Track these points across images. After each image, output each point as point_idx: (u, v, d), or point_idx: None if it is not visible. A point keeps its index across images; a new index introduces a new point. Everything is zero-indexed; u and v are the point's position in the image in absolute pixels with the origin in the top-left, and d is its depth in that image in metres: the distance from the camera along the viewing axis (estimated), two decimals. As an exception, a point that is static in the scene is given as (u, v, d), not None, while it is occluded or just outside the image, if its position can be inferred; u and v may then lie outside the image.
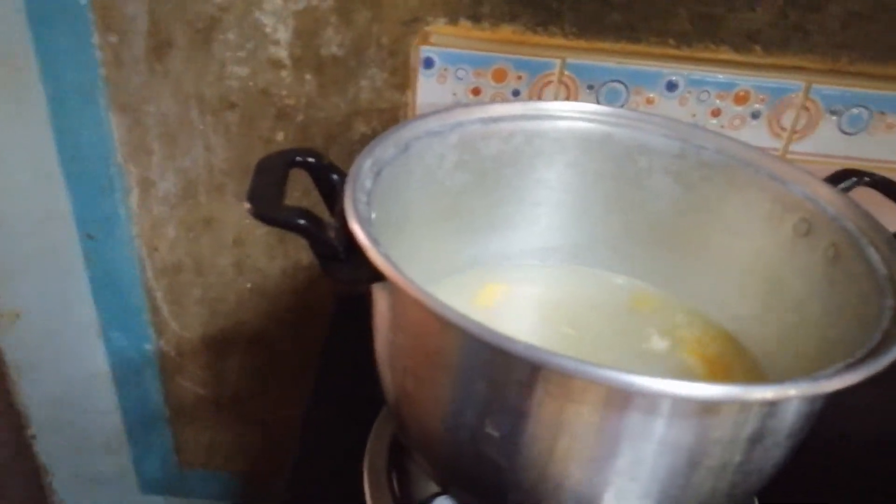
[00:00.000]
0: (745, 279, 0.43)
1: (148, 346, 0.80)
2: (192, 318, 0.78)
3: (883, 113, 0.56)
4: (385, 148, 0.38)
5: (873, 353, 0.26)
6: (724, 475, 0.29)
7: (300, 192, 0.61)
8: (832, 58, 0.56)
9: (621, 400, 0.26)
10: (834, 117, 0.56)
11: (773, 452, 0.30)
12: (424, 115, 0.42)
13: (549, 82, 0.57)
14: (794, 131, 0.57)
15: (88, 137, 0.65)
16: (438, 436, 0.32)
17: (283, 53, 0.59)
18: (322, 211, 0.37)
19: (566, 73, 0.57)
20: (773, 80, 0.56)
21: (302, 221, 0.29)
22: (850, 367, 0.26)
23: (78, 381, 0.84)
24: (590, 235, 0.48)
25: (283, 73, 0.60)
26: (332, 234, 0.31)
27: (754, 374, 0.41)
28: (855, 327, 0.32)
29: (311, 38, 0.58)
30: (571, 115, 0.45)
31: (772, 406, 0.27)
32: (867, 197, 0.39)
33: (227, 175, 0.67)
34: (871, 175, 0.40)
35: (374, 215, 0.35)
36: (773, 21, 0.55)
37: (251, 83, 0.61)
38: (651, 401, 0.25)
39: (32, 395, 0.85)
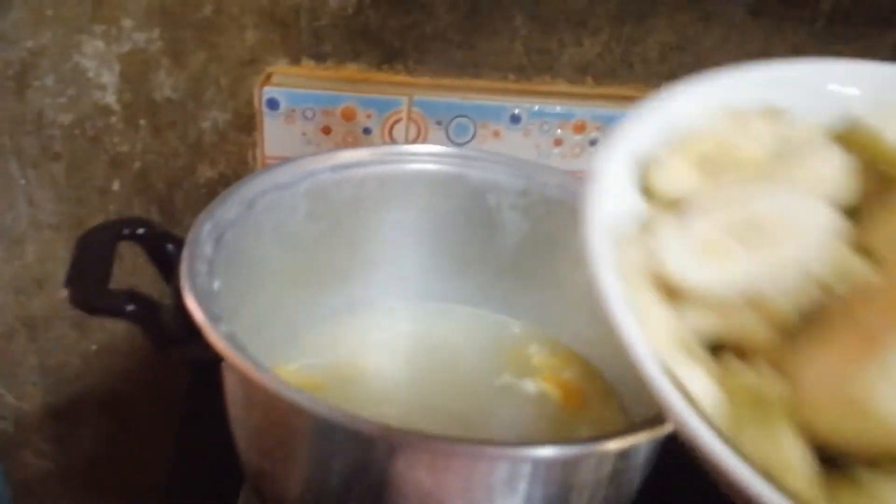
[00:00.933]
0: (595, 307, 0.45)
1: (-21, 425, 0.71)
2: (31, 388, 0.70)
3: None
4: (227, 208, 0.36)
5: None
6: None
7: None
8: (654, 86, 0.61)
9: (482, 466, 0.26)
10: (662, 140, 0.61)
11: (633, 478, 0.32)
12: (269, 168, 0.40)
13: (399, 119, 0.57)
14: (628, 155, 0.61)
15: None
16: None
17: (110, 98, 0.55)
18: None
19: (414, 109, 0.57)
20: (606, 109, 0.59)
21: (130, 307, 0.27)
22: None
23: None
24: (447, 274, 0.49)
25: (113, 119, 0.56)
26: (167, 315, 0.29)
27: (609, 397, 0.43)
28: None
29: (141, 81, 0.54)
30: (421, 157, 0.45)
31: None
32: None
33: (58, 231, 0.61)
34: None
35: (216, 285, 0.33)
36: (601, 54, 0.58)
37: (77, 131, 0.56)
38: (511, 463, 0.26)
39: None
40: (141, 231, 0.32)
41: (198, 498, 0.44)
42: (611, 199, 0.21)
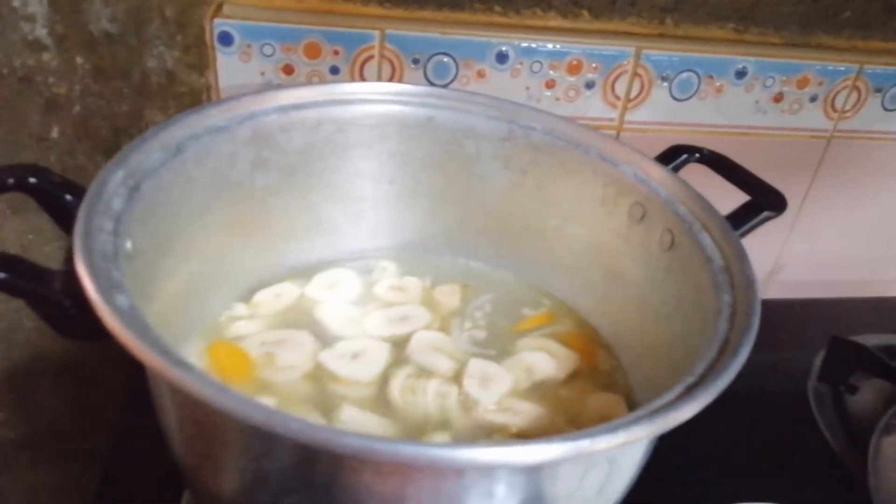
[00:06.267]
0: (587, 267, 0.40)
1: (-72, 392, 0.67)
2: (-20, 353, 0.65)
3: (711, 77, 0.55)
4: (146, 154, 0.30)
5: (713, 369, 0.23)
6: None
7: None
8: (657, 22, 0.54)
9: (445, 474, 0.21)
10: (665, 83, 0.55)
11: (625, 476, 0.27)
12: (203, 108, 0.34)
13: (370, 57, 0.51)
14: (628, 100, 0.55)
15: None
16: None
17: (41, 31, 0.48)
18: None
19: (387, 45, 0.50)
20: (603, 47, 0.53)
21: (2, 275, 0.22)
22: (688, 391, 0.22)
23: None
24: (421, 230, 0.44)
25: (46, 56, 0.49)
26: (57, 283, 0.23)
27: (607, 352, 0.38)
28: (696, 322, 0.29)
29: (73, 12, 0.48)
30: (386, 97, 0.39)
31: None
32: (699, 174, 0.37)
33: (-5, 182, 0.55)
34: (700, 150, 0.38)
35: (129, 245, 0.27)
36: (599, -17, 0.52)
37: (5, 69, 0.50)
38: (482, 470, 0.21)
39: None
40: (32, 181, 0.27)
41: (139, 490, 0.39)
42: None
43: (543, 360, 0.37)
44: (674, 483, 0.33)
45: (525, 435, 0.32)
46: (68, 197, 0.27)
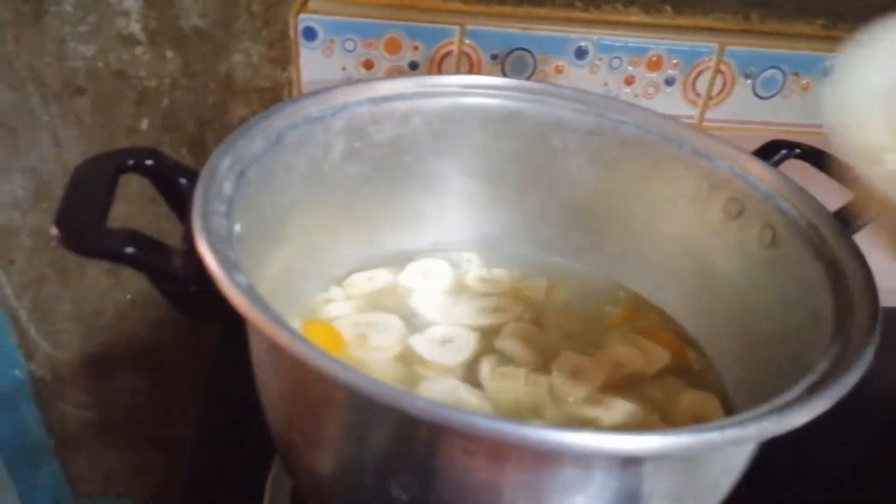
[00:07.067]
0: (676, 265, 0.39)
1: (17, 372, 0.70)
2: (66, 336, 0.68)
3: (797, 74, 0.54)
4: (250, 141, 0.31)
5: (837, 366, 0.23)
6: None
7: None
8: (741, 17, 0.53)
9: (551, 457, 0.21)
10: (748, 80, 0.54)
11: (734, 474, 0.26)
12: (300, 98, 0.35)
13: (449, 52, 0.51)
14: (709, 97, 0.54)
15: None
16: (337, 498, 0.26)
17: (135, 27, 0.50)
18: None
19: (466, 41, 0.51)
20: (685, 43, 0.52)
21: (130, 250, 0.23)
22: (813, 388, 0.22)
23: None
24: (503, 223, 0.43)
25: (139, 50, 0.51)
26: (177, 260, 0.24)
27: (700, 357, 0.37)
28: (805, 321, 0.29)
29: (165, 7, 0.49)
30: (474, 90, 0.39)
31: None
32: (798, 170, 0.36)
33: (86, 172, 0.57)
34: (800, 146, 0.36)
35: (238, 228, 0.28)
36: (684, -22, 0.51)
37: (100, 63, 0.52)
38: (588, 456, 0.21)
39: None
40: (149, 162, 0.28)
41: (225, 472, 0.40)
42: None
43: (632, 354, 0.37)
44: (761, 493, 0.32)
45: (617, 430, 0.31)
46: (182, 180, 0.28)
